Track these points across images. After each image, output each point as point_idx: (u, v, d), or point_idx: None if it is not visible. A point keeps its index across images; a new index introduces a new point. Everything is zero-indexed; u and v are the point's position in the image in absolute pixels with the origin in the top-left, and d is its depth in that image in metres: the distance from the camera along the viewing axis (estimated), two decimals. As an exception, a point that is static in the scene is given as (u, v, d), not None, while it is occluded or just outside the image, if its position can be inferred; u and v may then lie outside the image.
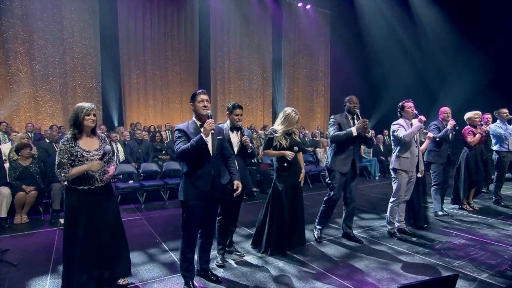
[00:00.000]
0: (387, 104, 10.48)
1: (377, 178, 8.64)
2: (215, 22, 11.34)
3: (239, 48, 11.98)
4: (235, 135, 3.12)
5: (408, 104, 3.78)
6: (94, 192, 2.42)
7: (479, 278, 2.73)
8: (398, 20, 11.02)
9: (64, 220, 2.42)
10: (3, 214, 4.35)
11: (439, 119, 4.62)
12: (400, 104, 3.87)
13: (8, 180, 4.64)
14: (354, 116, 3.61)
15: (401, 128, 3.70)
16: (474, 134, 4.79)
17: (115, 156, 6.48)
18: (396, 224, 3.90)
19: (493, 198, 5.41)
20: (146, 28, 10.19)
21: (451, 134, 4.52)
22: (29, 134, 6.81)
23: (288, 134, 3.32)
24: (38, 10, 8.54)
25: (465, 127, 4.93)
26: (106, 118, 9.61)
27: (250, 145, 3.02)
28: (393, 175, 3.85)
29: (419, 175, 3.90)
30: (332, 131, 3.57)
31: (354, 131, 3.41)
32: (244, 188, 3.22)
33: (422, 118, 3.63)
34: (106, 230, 2.45)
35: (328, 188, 3.70)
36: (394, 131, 3.75)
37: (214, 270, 2.90)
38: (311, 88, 13.75)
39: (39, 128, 7.50)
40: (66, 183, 2.41)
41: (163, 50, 10.52)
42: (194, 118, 2.61)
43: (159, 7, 10.37)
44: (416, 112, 3.73)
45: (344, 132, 3.46)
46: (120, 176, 6.26)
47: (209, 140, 2.46)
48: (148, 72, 10.31)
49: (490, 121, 5.29)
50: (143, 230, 4.27)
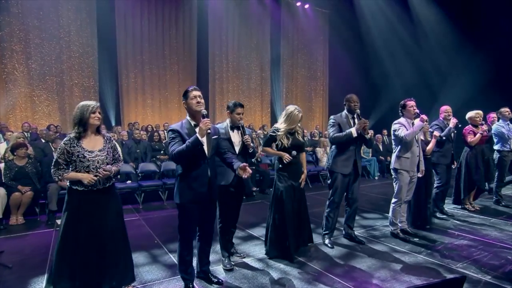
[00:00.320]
0: (386, 104, 10.46)
1: (376, 178, 8.63)
2: (214, 21, 11.25)
3: (237, 48, 11.89)
4: (236, 134, 3.02)
5: (410, 103, 3.70)
6: (96, 194, 2.34)
7: (484, 280, 2.69)
8: (397, 20, 10.98)
9: (61, 221, 2.32)
10: (-2, 215, 4.27)
11: (440, 118, 4.58)
12: (401, 103, 3.79)
13: (3, 181, 4.56)
14: (354, 116, 3.53)
15: (402, 127, 3.63)
16: (475, 134, 4.77)
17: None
18: (398, 225, 3.85)
19: (493, 197, 5.39)
20: (144, 27, 10.09)
21: (453, 133, 4.49)
22: (25, 134, 6.72)
23: (290, 133, 3.22)
24: (35, 8, 8.41)
25: (466, 127, 4.91)
26: (104, 117, 9.24)
27: (252, 144, 2.93)
28: (394, 175, 3.80)
29: (419, 174, 3.83)
30: (332, 132, 3.48)
31: (354, 132, 3.33)
32: (245, 188, 3.18)
33: (424, 117, 3.57)
34: (107, 235, 2.35)
35: (329, 190, 3.61)
36: (395, 130, 3.67)
37: (215, 272, 2.84)
38: (309, 87, 13.69)
39: (36, 127, 7.40)
40: (68, 183, 2.35)
41: (161, 49, 10.41)
42: (188, 117, 2.51)
43: (157, 6, 10.27)
44: (417, 111, 3.67)
45: (344, 133, 3.38)
46: (118, 176, 6.19)
47: (204, 141, 2.35)
48: (146, 71, 10.21)
49: (496, 120, 5.27)
50: (141, 231, 4.20)
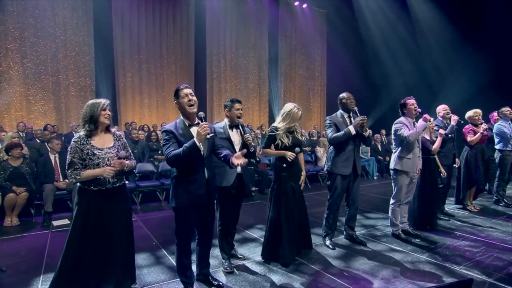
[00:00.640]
0: (385, 104, 10.43)
1: (375, 178, 8.59)
2: (211, 20, 11.18)
3: (235, 47, 11.83)
4: (236, 134, 2.93)
5: (411, 101, 3.61)
6: (105, 194, 2.30)
7: (488, 282, 2.66)
8: (396, 19, 10.97)
9: (72, 221, 2.30)
10: (-7, 216, 4.20)
11: (439, 118, 4.51)
12: (402, 102, 3.70)
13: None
14: (350, 114, 3.47)
15: (404, 127, 3.54)
16: (475, 133, 4.75)
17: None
18: (399, 226, 3.79)
19: (494, 197, 5.38)
20: (141, 25, 9.99)
21: (455, 131, 4.45)
22: (20, 133, 6.61)
23: (290, 132, 3.11)
24: (30, 7, 8.30)
25: (465, 126, 4.88)
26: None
27: (253, 143, 2.84)
28: (393, 176, 3.74)
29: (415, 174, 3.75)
30: (329, 133, 3.40)
31: (352, 130, 3.26)
32: (245, 189, 3.11)
33: (427, 116, 3.50)
34: (114, 236, 2.32)
35: (329, 191, 3.55)
36: (397, 131, 3.58)
37: (215, 275, 2.78)
38: (307, 87, 13.67)
39: (31, 127, 7.30)
40: (78, 184, 2.31)
41: (158, 48, 10.33)
42: (181, 117, 2.42)
43: (154, 4, 10.18)
44: (419, 110, 3.59)
45: (343, 132, 3.30)
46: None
47: (201, 146, 2.26)
48: (143, 70, 10.12)
49: (499, 119, 5.25)
50: (139, 233, 4.12)
